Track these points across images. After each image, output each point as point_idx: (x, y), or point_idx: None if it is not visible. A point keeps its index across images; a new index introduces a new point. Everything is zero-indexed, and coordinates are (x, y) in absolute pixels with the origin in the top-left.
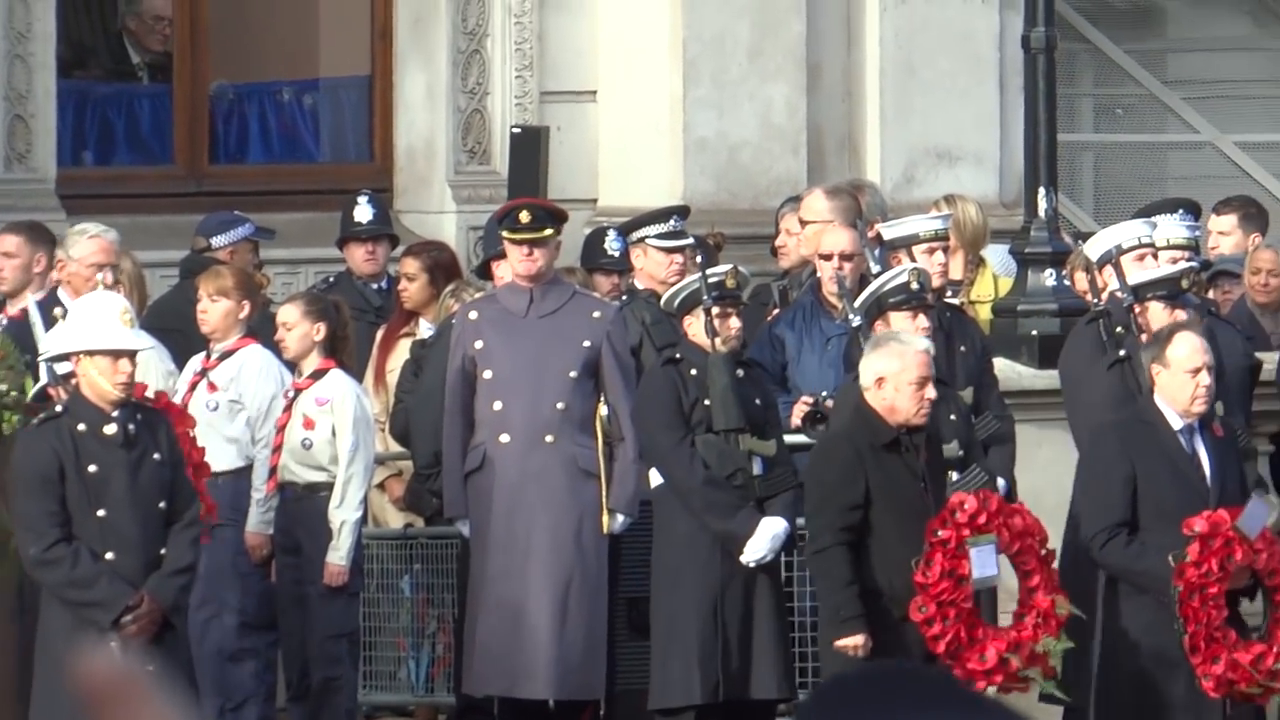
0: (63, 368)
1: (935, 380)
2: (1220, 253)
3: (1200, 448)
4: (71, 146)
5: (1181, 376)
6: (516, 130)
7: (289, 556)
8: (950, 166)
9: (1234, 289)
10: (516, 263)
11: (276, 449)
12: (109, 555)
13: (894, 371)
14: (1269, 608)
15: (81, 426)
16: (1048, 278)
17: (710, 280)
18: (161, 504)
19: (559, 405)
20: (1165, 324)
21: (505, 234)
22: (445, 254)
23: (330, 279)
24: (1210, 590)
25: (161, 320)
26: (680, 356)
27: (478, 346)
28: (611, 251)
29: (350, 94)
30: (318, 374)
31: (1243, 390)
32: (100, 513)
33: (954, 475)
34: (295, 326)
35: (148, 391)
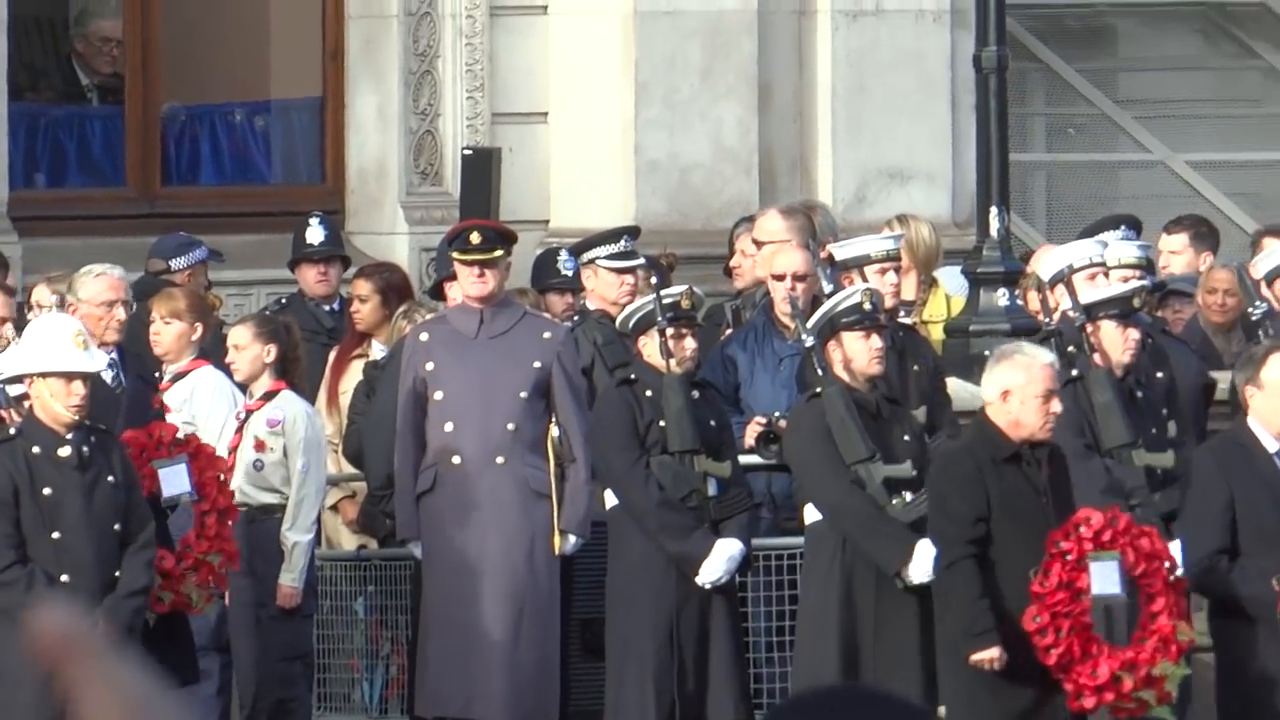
0: (16, 389)
1: (888, 399)
2: (1171, 272)
3: None
4: (23, 169)
5: (1278, 398)
6: (468, 152)
7: (242, 578)
8: (902, 186)
9: (1184, 308)
10: (467, 284)
11: (228, 470)
12: (64, 578)
13: (1019, 384)
14: None
15: (36, 449)
16: (1000, 297)
17: (665, 301)
18: (116, 526)
19: (510, 426)
20: (1262, 346)
21: (456, 255)
22: (397, 275)
23: (282, 300)
24: None
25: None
26: (635, 377)
27: (429, 368)
28: (564, 272)
29: (302, 115)
30: (269, 395)
31: (1197, 410)
32: (55, 535)
33: (907, 495)
34: (246, 348)
35: (196, 427)
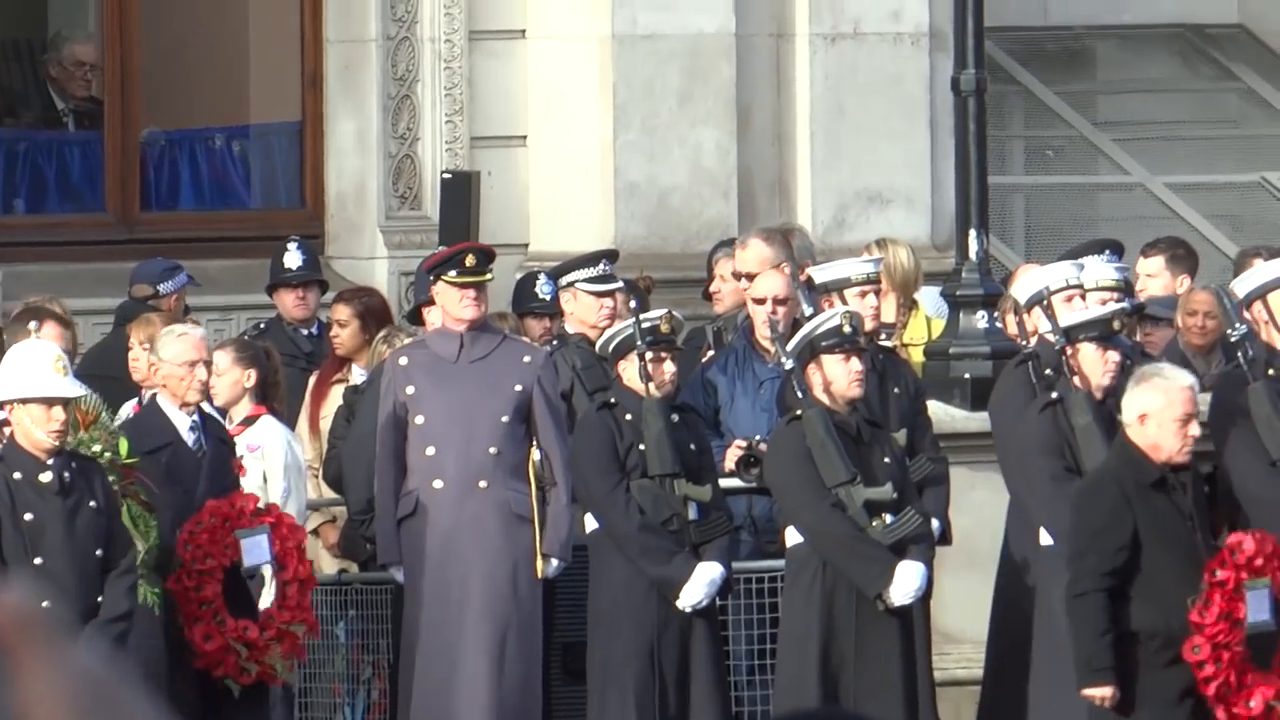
0: None
1: (868, 422)
2: (1148, 294)
3: None
4: (2, 195)
5: None
6: (447, 175)
7: None
8: (881, 209)
9: (1156, 331)
10: (460, 307)
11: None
12: (45, 604)
13: (1158, 408)
14: None
15: (17, 475)
16: (980, 320)
17: (644, 325)
18: (98, 552)
19: (491, 450)
20: None
21: (451, 278)
22: (376, 300)
23: (261, 325)
24: None
25: (96, 367)
26: (615, 401)
27: (409, 392)
28: (542, 296)
29: (281, 140)
30: (249, 420)
31: None
32: (37, 560)
33: (888, 518)
34: (226, 373)
35: (266, 491)
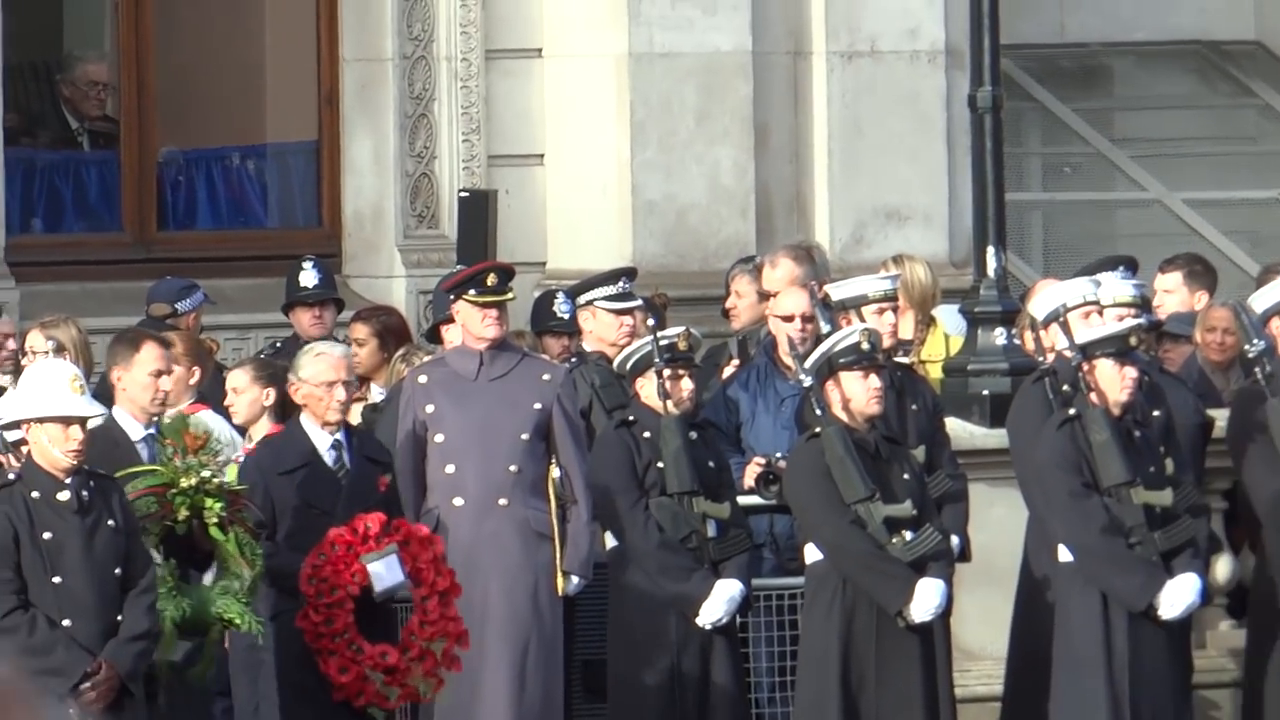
0: (14, 435)
1: (887, 439)
2: (1165, 311)
3: None
4: (20, 214)
5: None
6: (464, 194)
7: None
8: (899, 226)
9: (1174, 348)
10: (484, 326)
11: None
12: (65, 622)
13: None
14: None
15: (35, 494)
16: (998, 336)
17: (662, 343)
18: (117, 570)
19: (511, 468)
20: None
21: (473, 297)
22: (394, 319)
23: (278, 344)
24: None
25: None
26: (633, 419)
27: (429, 410)
28: (561, 314)
29: (298, 159)
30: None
31: (1195, 448)
32: (56, 579)
33: (908, 535)
34: (245, 392)
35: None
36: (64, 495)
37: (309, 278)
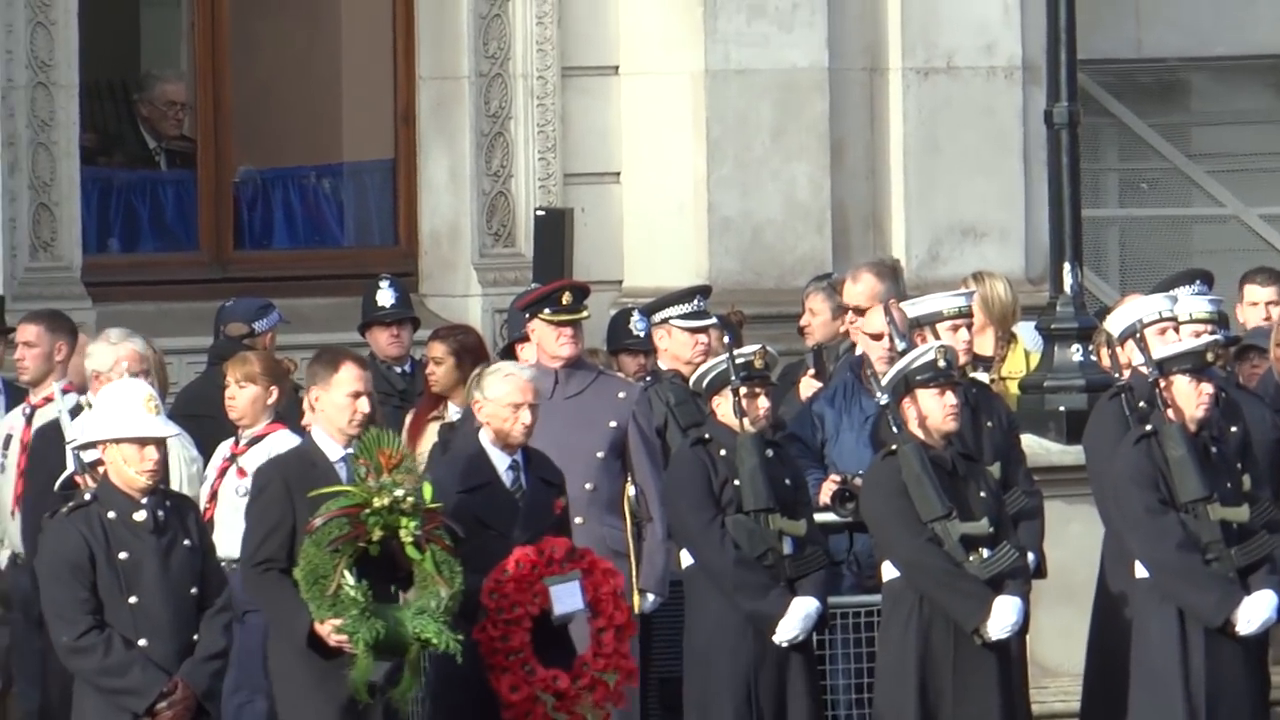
0: (90, 455)
1: (963, 456)
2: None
3: None
4: (97, 234)
5: None
6: (541, 212)
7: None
8: (975, 243)
9: (1263, 363)
10: (559, 345)
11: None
12: (141, 642)
13: None
14: None
15: (111, 514)
16: (1074, 353)
17: (738, 360)
18: (193, 590)
19: (587, 486)
20: None
21: (548, 316)
22: (471, 337)
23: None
24: None
25: (190, 407)
26: (709, 437)
27: None
28: (636, 332)
29: (374, 178)
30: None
31: (1272, 464)
32: (132, 599)
33: (984, 552)
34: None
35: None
36: (140, 515)
37: (385, 297)
